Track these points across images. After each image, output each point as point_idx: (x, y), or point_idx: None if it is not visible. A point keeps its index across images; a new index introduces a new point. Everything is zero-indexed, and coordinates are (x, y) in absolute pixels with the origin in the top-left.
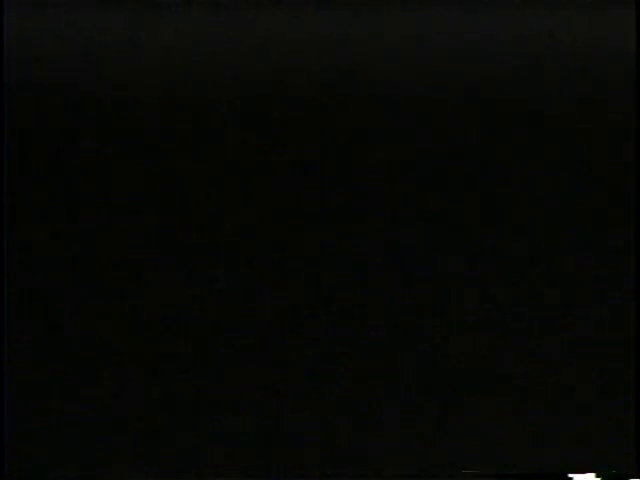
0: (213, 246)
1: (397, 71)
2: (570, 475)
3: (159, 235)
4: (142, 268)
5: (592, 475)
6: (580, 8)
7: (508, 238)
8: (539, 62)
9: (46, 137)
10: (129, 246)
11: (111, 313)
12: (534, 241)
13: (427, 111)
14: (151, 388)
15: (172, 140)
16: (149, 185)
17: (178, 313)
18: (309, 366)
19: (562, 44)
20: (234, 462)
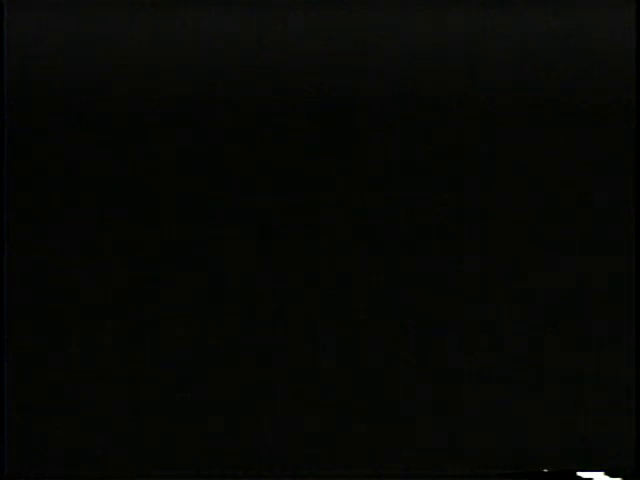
0: (213, 247)
1: (397, 71)
2: (578, 473)
3: (159, 236)
4: (142, 268)
5: (599, 474)
6: (580, 7)
7: (508, 238)
8: (539, 62)
9: (46, 137)
10: (129, 246)
11: (111, 313)
12: (534, 241)
13: (427, 111)
14: (151, 388)
15: (172, 140)
16: (149, 185)
17: (178, 314)
18: (309, 366)
19: (562, 43)
20: (235, 462)
